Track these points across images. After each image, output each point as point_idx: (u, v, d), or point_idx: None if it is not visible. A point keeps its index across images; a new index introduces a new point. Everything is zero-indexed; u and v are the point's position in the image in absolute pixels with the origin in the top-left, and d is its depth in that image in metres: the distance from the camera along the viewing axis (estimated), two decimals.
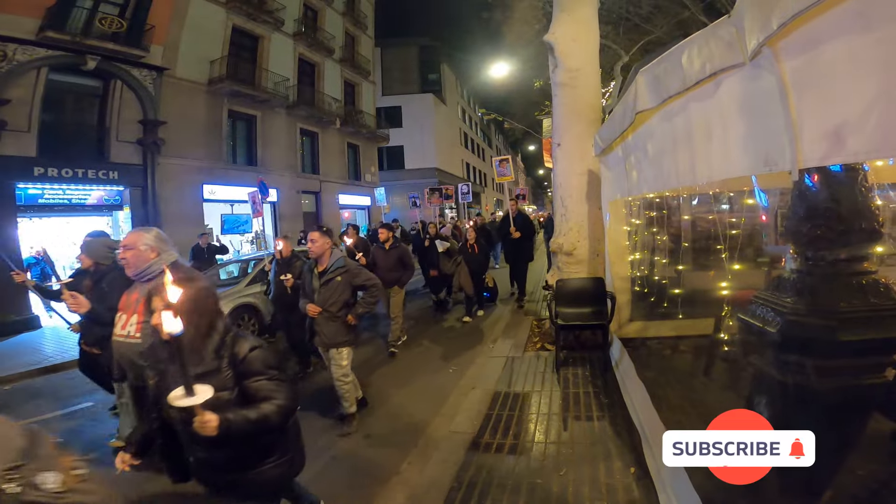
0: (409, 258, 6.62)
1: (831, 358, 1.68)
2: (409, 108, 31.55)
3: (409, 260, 6.62)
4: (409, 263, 6.60)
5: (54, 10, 11.09)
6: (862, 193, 1.73)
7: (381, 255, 6.57)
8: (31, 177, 10.94)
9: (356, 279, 4.00)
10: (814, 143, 1.36)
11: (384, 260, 6.52)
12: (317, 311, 3.87)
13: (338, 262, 3.97)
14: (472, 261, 8.01)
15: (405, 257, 6.61)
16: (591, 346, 5.34)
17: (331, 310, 3.87)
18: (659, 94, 2.33)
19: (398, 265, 6.52)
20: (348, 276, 3.96)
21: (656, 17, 11.16)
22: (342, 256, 4.04)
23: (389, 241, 6.63)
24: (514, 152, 66.66)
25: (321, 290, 3.91)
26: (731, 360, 3.31)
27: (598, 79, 5.89)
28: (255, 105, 16.98)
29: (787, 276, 1.90)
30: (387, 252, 6.58)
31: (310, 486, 3.24)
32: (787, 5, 1.25)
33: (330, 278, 3.90)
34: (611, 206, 4.90)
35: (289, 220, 18.38)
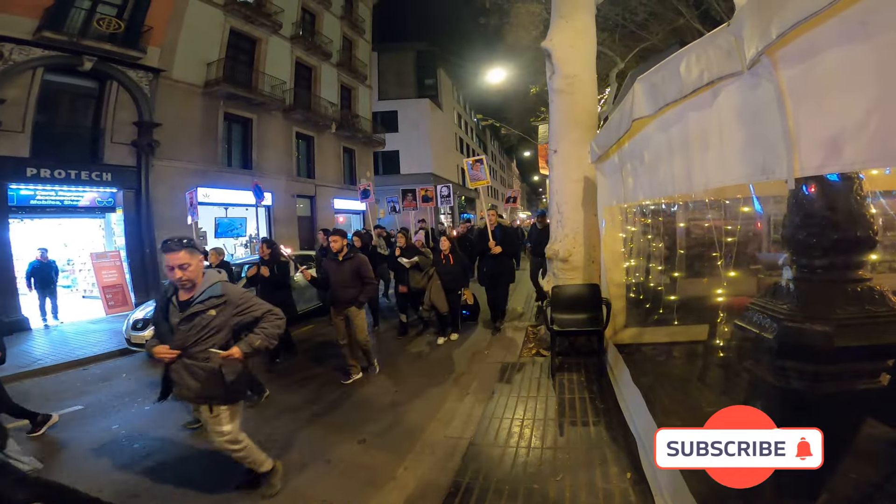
0: (367, 270, 5.44)
1: (827, 363, 1.70)
2: (405, 113, 31.62)
3: (368, 272, 5.45)
4: (369, 277, 5.44)
5: (52, 11, 11.03)
6: (857, 202, 1.75)
7: (334, 268, 5.45)
8: (24, 177, 10.83)
9: (243, 313, 2.90)
10: (811, 152, 1.37)
11: (337, 274, 5.41)
12: (171, 356, 2.79)
13: (212, 290, 2.83)
14: (445, 273, 6.93)
15: (362, 270, 5.41)
16: (586, 352, 5.36)
17: (197, 357, 2.80)
18: (656, 101, 2.36)
19: (354, 280, 5.40)
20: (229, 311, 2.86)
21: (652, 24, 11.29)
22: (221, 282, 2.91)
23: (343, 252, 5.44)
24: (510, 158, 67.07)
25: (181, 326, 2.79)
26: (726, 366, 3.33)
27: (594, 85, 5.93)
28: (251, 108, 16.94)
29: (783, 283, 1.92)
30: (340, 264, 5.40)
31: (305, 490, 3.24)
32: (787, 14, 1.27)
33: (196, 312, 2.78)
34: (606, 213, 4.93)
35: (284, 224, 18.34)
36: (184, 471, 3.60)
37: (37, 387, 6.04)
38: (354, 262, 5.41)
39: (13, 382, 5.91)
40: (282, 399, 5.04)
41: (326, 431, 4.22)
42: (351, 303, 5.39)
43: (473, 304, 7.94)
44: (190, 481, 3.42)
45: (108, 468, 3.72)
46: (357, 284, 5.41)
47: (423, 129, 31.92)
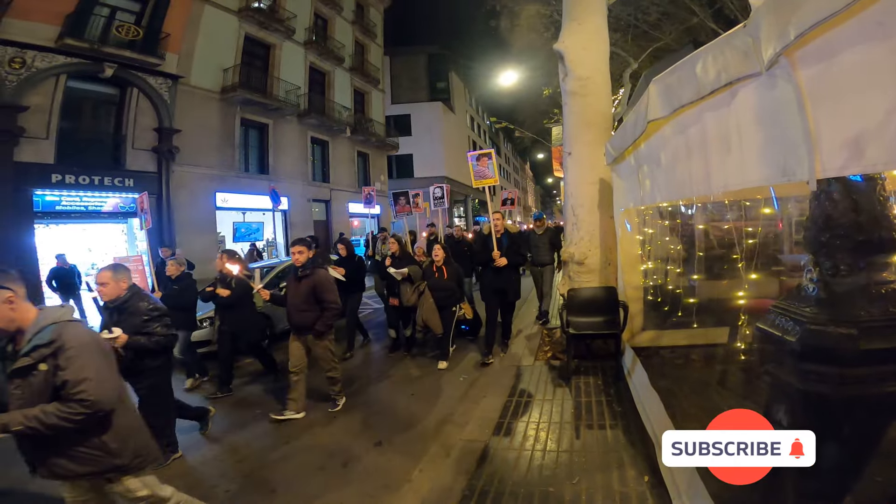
0: (326, 292, 4.46)
1: (852, 367, 1.68)
2: (418, 117, 31.75)
3: (328, 294, 4.47)
4: (328, 300, 4.46)
5: (73, 18, 11.38)
6: (880, 203, 1.73)
7: (292, 286, 4.61)
8: (49, 184, 11.16)
9: (59, 375, 1.97)
10: (832, 153, 1.36)
11: (293, 293, 4.55)
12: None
13: (40, 337, 1.99)
14: (438, 289, 5.90)
15: (320, 290, 4.44)
16: (602, 355, 5.32)
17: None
18: (671, 103, 2.34)
19: (309, 302, 4.47)
20: (52, 365, 1.98)
21: (665, 23, 11.18)
22: (56, 323, 2.04)
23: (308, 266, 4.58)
24: (524, 160, 66.87)
25: (11, 388, 2.01)
26: (746, 370, 3.28)
27: (608, 87, 5.90)
28: (266, 113, 17.21)
29: (806, 286, 1.89)
30: (297, 282, 4.55)
31: (319, 492, 3.28)
32: (805, 15, 1.27)
33: (24, 367, 1.98)
34: (623, 215, 4.89)
35: (299, 229, 18.56)
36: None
37: None
38: (311, 280, 4.46)
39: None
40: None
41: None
42: (307, 329, 4.50)
43: (473, 319, 7.00)
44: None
45: None
46: (314, 307, 4.46)
47: (436, 132, 32.01)
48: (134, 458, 2.22)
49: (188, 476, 3.60)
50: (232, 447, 4.05)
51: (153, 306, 3.42)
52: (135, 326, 3.29)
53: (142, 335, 3.30)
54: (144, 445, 2.31)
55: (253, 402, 5.09)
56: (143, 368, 3.44)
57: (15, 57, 10.51)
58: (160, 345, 3.40)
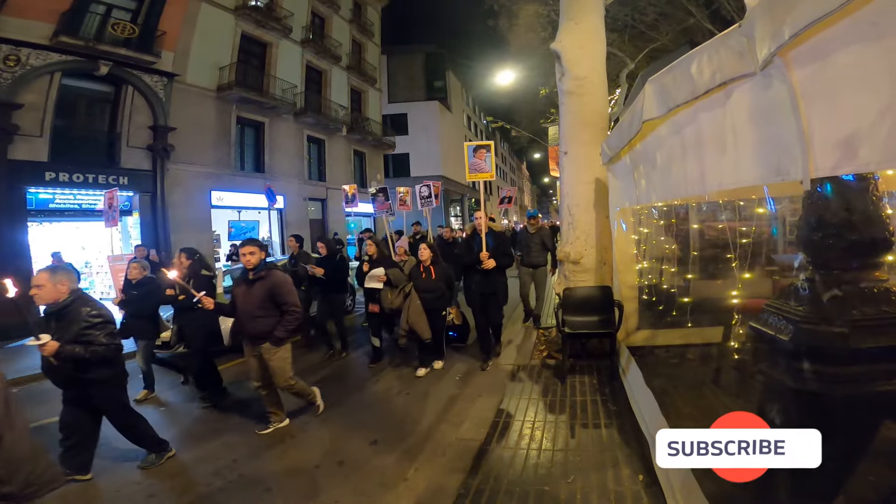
0: (285, 293, 4.06)
1: (844, 365, 1.69)
2: (414, 116, 31.74)
3: (287, 296, 4.06)
4: (288, 303, 4.05)
5: (68, 16, 11.27)
6: (873, 202, 1.74)
7: (242, 291, 4.14)
8: (43, 181, 11.07)
9: None
10: (825, 152, 1.37)
11: (245, 299, 4.10)
12: None
13: None
14: (426, 291, 5.55)
15: (278, 293, 4.03)
16: (598, 355, 5.33)
17: None
18: (667, 103, 2.35)
19: (266, 307, 4.05)
20: None
21: (662, 24, 11.22)
22: None
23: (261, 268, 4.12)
24: (520, 160, 66.95)
25: None
26: (740, 368, 3.30)
27: (605, 87, 5.92)
28: (263, 112, 17.13)
29: (799, 285, 1.90)
30: (249, 286, 4.10)
31: (315, 491, 3.27)
32: (800, 15, 1.27)
33: None
34: (618, 215, 4.91)
35: (295, 228, 18.48)
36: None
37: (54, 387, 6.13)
38: (267, 282, 4.04)
39: (33, 382, 6.04)
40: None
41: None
42: (263, 337, 4.06)
43: (462, 324, 6.61)
44: None
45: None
46: (271, 313, 4.06)
47: (433, 131, 32.01)
48: (26, 487, 2.06)
49: (182, 475, 3.59)
50: (227, 445, 4.03)
51: (96, 312, 3.20)
52: (73, 334, 3.09)
53: (79, 344, 3.08)
54: (40, 473, 2.14)
55: (250, 399, 5.07)
56: (90, 380, 3.24)
57: (9, 55, 10.42)
58: (99, 355, 3.15)
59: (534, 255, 7.18)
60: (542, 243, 7.20)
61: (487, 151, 5.81)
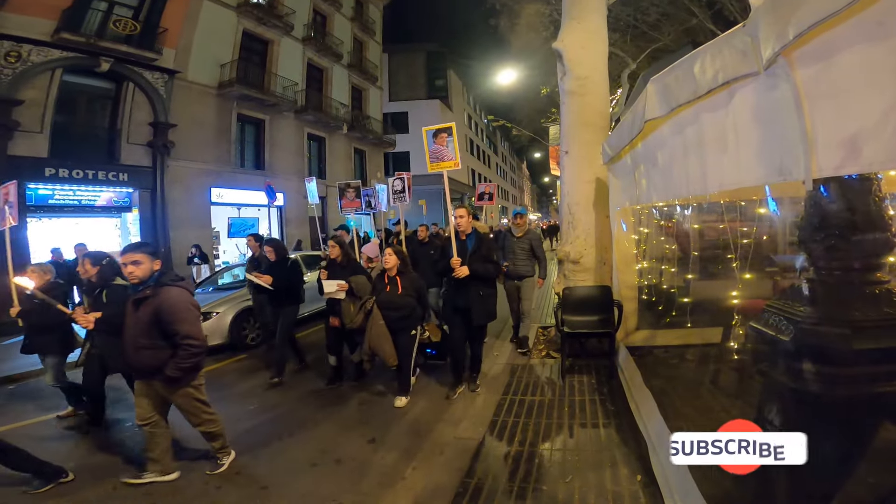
0: (181, 321, 3.08)
1: (845, 366, 1.68)
2: (415, 114, 31.72)
3: (183, 325, 3.09)
4: (184, 332, 3.07)
5: (70, 12, 11.28)
6: (876, 203, 1.73)
7: (130, 313, 3.21)
8: (42, 177, 11.07)
9: None
10: (829, 152, 1.36)
11: (130, 323, 3.19)
12: None
13: None
14: (389, 308, 4.57)
15: (171, 318, 3.07)
16: (597, 354, 5.33)
17: None
18: (669, 102, 2.35)
19: (153, 335, 3.11)
20: None
21: (664, 24, 11.21)
22: None
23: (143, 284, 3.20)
24: (520, 159, 66.99)
25: None
26: (739, 369, 3.30)
27: (606, 86, 5.91)
28: (263, 109, 17.13)
29: (800, 285, 1.90)
30: (135, 307, 3.17)
31: (312, 489, 3.26)
32: (804, 15, 1.27)
33: None
34: (619, 215, 4.90)
35: (295, 225, 18.50)
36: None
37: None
38: (154, 304, 3.08)
39: (29, 380, 6.04)
40: None
41: None
42: (152, 373, 3.16)
43: (442, 340, 5.49)
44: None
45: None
46: (158, 344, 3.12)
47: None
48: None
49: (178, 472, 3.57)
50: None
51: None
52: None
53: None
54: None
55: (247, 396, 5.06)
56: None
57: (11, 51, 10.42)
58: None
59: (520, 264, 5.89)
60: (531, 250, 5.94)
61: (449, 136, 4.93)
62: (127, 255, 3.17)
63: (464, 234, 4.67)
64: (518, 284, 5.90)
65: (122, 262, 3.21)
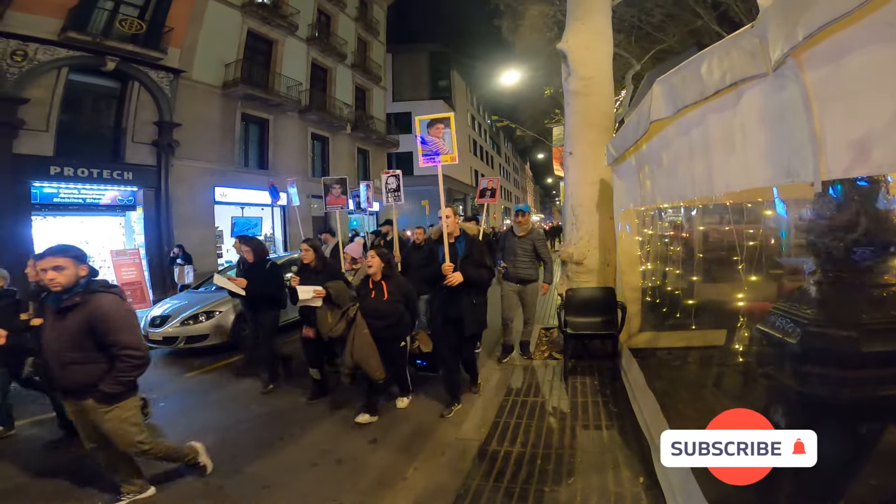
0: (117, 330, 2.76)
1: (852, 369, 1.67)
2: (419, 115, 31.58)
3: (122, 333, 2.78)
4: (123, 341, 2.77)
5: (76, 11, 11.33)
6: (884, 205, 1.72)
7: (50, 323, 2.86)
8: (48, 176, 11.13)
9: None
10: (838, 154, 1.35)
11: (52, 334, 2.81)
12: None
13: None
14: (374, 315, 4.15)
15: (106, 327, 2.75)
16: (599, 356, 5.31)
17: None
18: (675, 103, 2.34)
19: (87, 349, 2.77)
20: None
21: (668, 25, 11.18)
22: None
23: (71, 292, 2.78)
24: (524, 160, 66.94)
25: None
26: (743, 372, 3.28)
27: (611, 87, 5.90)
28: (267, 109, 17.18)
29: (807, 288, 1.89)
30: (60, 317, 2.78)
31: (313, 489, 3.26)
32: (814, 16, 1.26)
33: None
34: (623, 216, 4.89)
35: (298, 224, 18.52)
36: None
37: None
38: (85, 312, 2.74)
39: None
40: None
41: None
42: (84, 391, 2.79)
43: (433, 352, 4.87)
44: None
45: None
46: (92, 357, 2.79)
47: None
48: None
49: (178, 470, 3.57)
50: (224, 441, 4.02)
51: None
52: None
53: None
54: None
55: (248, 395, 5.07)
56: None
57: (17, 50, 10.47)
58: None
59: (521, 266, 5.39)
60: (534, 251, 5.43)
61: (446, 126, 4.36)
62: (46, 259, 2.74)
63: (452, 237, 4.27)
64: (519, 289, 5.45)
65: (41, 267, 2.75)
